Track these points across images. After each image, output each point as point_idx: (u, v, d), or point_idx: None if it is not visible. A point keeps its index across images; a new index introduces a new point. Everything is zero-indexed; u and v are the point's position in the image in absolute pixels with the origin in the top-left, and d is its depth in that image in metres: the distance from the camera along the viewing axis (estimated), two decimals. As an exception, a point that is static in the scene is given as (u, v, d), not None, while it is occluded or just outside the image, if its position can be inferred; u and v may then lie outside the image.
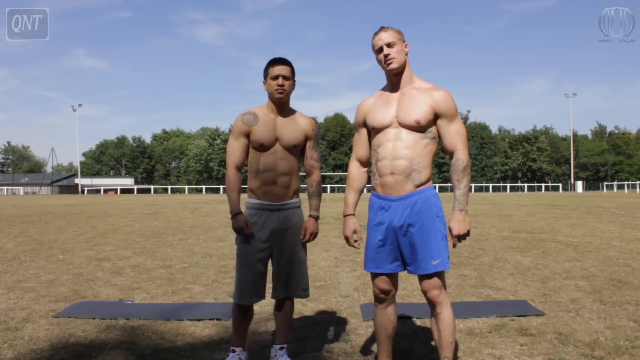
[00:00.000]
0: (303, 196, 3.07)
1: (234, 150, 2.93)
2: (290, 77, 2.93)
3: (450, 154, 2.61)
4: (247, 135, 2.92)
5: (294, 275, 2.97)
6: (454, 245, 2.60)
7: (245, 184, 3.00)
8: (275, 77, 2.88)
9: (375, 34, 2.66)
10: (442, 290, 2.60)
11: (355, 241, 2.79)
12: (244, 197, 2.89)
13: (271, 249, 2.95)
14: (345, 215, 2.79)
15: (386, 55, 2.62)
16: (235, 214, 2.87)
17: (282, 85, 2.88)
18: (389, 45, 2.62)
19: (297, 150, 2.99)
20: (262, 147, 2.90)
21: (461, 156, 2.56)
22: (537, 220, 13.30)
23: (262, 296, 2.97)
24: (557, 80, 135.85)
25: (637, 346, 3.27)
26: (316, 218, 3.01)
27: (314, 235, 3.00)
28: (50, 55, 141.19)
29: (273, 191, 2.91)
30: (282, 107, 2.96)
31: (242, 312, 2.97)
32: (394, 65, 2.62)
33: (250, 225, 2.89)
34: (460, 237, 2.55)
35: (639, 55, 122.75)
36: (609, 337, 3.45)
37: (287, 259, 2.96)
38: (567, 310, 4.15)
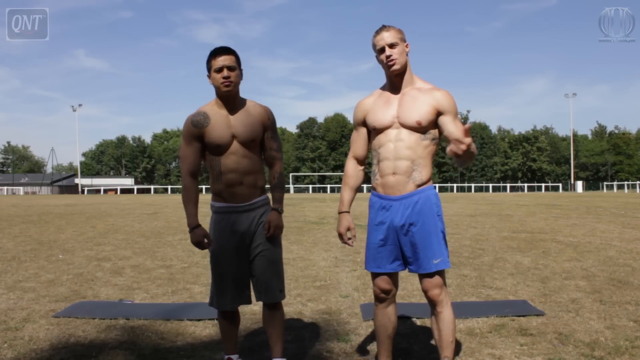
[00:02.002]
0: (307, 197, 3.00)
1: (187, 156, 2.73)
2: (236, 67, 2.68)
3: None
4: (200, 138, 2.70)
5: (269, 276, 2.78)
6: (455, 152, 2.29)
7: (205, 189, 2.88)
8: (220, 70, 2.64)
9: (377, 32, 2.64)
10: (442, 290, 2.61)
11: (349, 239, 2.77)
12: (206, 198, 2.77)
13: (246, 252, 2.77)
14: (340, 213, 2.78)
15: (388, 57, 2.60)
16: (193, 227, 2.71)
17: (227, 77, 2.64)
18: (391, 46, 2.59)
19: (256, 145, 2.77)
20: (220, 148, 2.69)
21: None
22: (537, 220, 13.30)
23: (240, 301, 2.81)
24: (557, 80, 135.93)
25: (637, 346, 3.27)
26: (280, 211, 2.79)
27: (279, 229, 2.78)
28: (50, 55, 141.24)
29: (240, 192, 2.72)
30: (231, 100, 2.72)
31: (225, 317, 2.86)
32: (396, 67, 2.61)
33: (210, 238, 2.73)
34: (465, 145, 2.26)
35: (639, 55, 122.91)
36: (609, 337, 3.45)
37: (262, 259, 2.77)
38: (567, 310, 4.15)
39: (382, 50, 2.61)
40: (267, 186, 2.90)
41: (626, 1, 70.23)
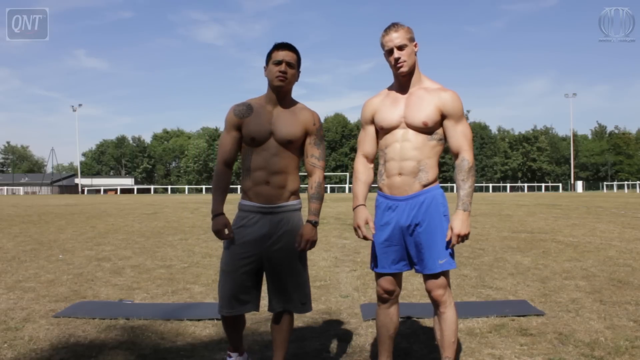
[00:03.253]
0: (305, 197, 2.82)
1: (225, 144, 2.68)
2: (295, 66, 2.64)
3: (455, 155, 2.59)
4: (239, 128, 2.65)
5: (289, 287, 2.67)
6: (452, 245, 2.58)
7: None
8: (279, 63, 2.59)
9: (386, 32, 2.60)
10: (446, 290, 2.61)
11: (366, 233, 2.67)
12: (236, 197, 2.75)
13: (261, 258, 2.65)
14: (356, 207, 2.70)
15: (397, 59, 2.57)
16: (216, 214, 2.62)
17: (284, 72, 2.58)
18: (400, 48, 2.57)
19: (294, 147, 2.67)
20: (254, 142, 2.62)
21: (466, 157, 2.56)
22: (537, 220, 13.30)
23: (247, 306, 2.69)
24: (557, 81, 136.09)
25: (637, 346, 3.27)
26: (314, 224, 2.64)
27: (312, 243, 2.64)
28: (50, 55, 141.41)
29: (265, 192, 2.61)
30: (281, 97, 2.66)
31: (227, 322, 2.75)
32: (404, 69, 2.59)
33: (231, 229, 2.63)
34: (460, 237, 2.54)
35: (639, 55, 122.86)
36: (609, 337, 3.45)
37: (281, 269, 2.65)
38: (567, 310, 4.15)
39: (391, 51, 2.59)
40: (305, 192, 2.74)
41: (626, 1, 70.31)
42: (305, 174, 2.78)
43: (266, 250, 2.64)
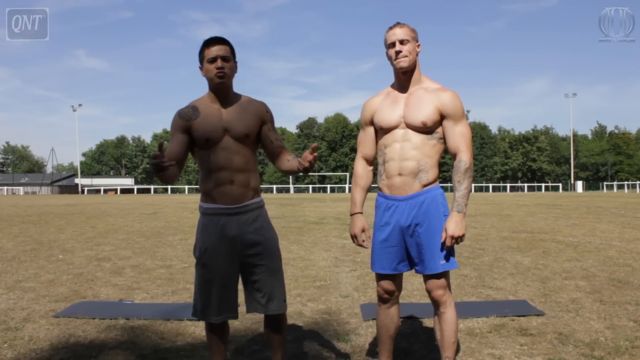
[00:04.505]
0: (306, 197, 2.77)
1: (170, 147, 2.53)
2: (231, 58, 2.53)
3: (453, 156, 2.59)
4: (187, 131, 2.53)
5: (272, 286, 2.59)
6: (446, 247, 2.55)
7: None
8: (213, 60, 2.48)
9: (390, 28, 2.62)
10: (446, 290, 2.60)
11: (364, 240, 2.74)
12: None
13: (236, 258, 2.56)
14: (353, 214, 2.74)
15: (397, 52, 2.57)
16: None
17: (221, 68, 2.48)
18: (401, 42, 2.57)
19: (250, 141, 2.57)
20: (209, 143, 2.51)
21: (464, 158, 2.55)
22: (537, 220, 13.30)
23: (228, 311, 2.61)
24: (557, 81, 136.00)
25: (637, 346, 3.27)
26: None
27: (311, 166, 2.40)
28: (51, 56, 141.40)
29: (231, 192, 2.51)
30: (224, 93, 2.56)
31: (213, 329, 2.65)
32: (403, 64, 2.58)
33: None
34: (454, 239, 2.53)
35: (639, 55, 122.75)
36: (609, 337, 3.45)
37: (261, 268, 2.57)
38: (567, 310, 4.15)
39: (393, 45, 2.59)
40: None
41: (626, 1, 70.29)
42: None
43: (239, 251, 2.56)
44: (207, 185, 2.56)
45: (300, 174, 2.48)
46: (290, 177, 71.29)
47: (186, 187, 74.04)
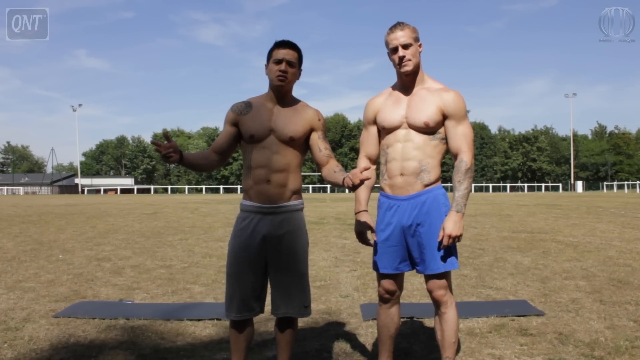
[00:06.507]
0: (306, 197, 2.79)
1: (219, 137, 2.68)
2: (296, 65, 2.59)
3: (455, 156, 2.58)
4: (235, 124, 2.64)
5: (292, 290, 2.60)
6: (443, 246, 2.54)
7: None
8: (279, 62, 2.54)
9: (391, 30, 2.59)
10: (447, 291, 2.60)
11: (369, 238, 2.72)
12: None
13: (263, 258, 2.59)
14: (357, 212, 2.73)
15: (401, 58, 2.56)
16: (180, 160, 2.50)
17: (284, 72, 2.54)
18: (404, 47, 2.55)
19: (296, 144, 2.61)
20: (253, 139, 2.58)
21: (465, 158, 2.54)
22: (537, 220, 13.30)
23: (255, 310, 2.63)
24: (557, 81, 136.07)
25: (637, 346, 3.27)
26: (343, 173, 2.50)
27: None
28: (51, 56, 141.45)
29: (266, 191, 2.55)
30: (282, 96, 2.62)
31: (235, 326, 2.65)
32: (408, 68, 2.58)
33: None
34: (452, 238, 2.51)
35: (639, 55, 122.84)
36: (609, 337, 3.45)
37: (283, 271, 2.59)
38: (567, 310, 4.15)
39: (395, 50, 2.58)
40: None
41: (626, 1, 70.29)
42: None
43: (269, 251, 2.59)
44: (247, 183, 2.63)
45: (345, 189, 2.49)
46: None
47: (186, 187, 74.08)
